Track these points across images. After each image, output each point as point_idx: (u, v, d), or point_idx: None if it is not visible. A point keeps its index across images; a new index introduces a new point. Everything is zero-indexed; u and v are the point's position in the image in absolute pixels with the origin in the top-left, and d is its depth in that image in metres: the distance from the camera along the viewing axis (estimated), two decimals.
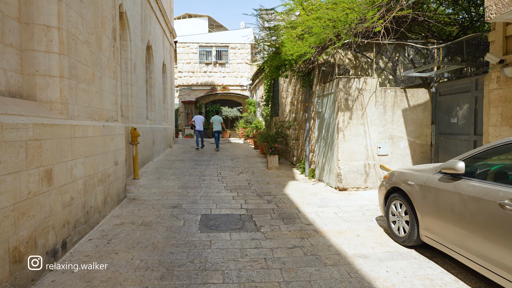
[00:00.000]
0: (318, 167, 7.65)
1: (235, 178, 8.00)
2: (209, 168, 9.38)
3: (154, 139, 10.78)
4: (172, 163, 10.06)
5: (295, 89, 9.67)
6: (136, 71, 8.60)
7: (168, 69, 14.63)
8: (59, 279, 3.00)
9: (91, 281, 2.98)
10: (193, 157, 11.51)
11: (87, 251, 3.61)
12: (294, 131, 9.81)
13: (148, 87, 11.00)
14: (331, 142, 6.90)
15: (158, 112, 12.00)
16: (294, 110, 9.74)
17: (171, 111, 15.36)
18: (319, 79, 7.63)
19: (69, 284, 2.92)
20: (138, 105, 8.82)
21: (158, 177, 7.88)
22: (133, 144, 7.44)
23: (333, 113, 6.77)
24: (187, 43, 21.89)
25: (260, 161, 10.74)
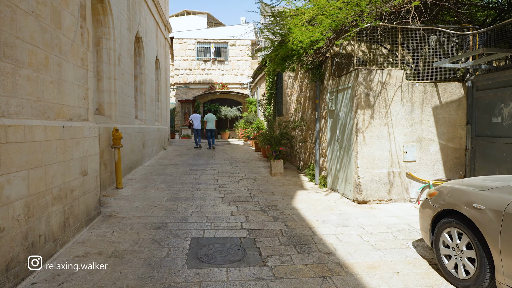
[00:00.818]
0: (331, 175, 6.59)
1: (234, 186, 6.93)
2: (205, 174, 8.31)
3: (144, 141, 9.71)
4: (164, 168, 8.98)
5: (301, 85, 8.61)
6: (121, 64, 7.54)
7: (162, 65, 13.57)
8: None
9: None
10: (188, 161, 10.44)
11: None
12: (301, 132, 8.74)
13: (138, 83, 9.94)
14: (347, 145, 5.84)
15: (150, 111, 10.93)
16: (301, 108, 8.67)
17: (165, 110, 14.29)
18: (332, 72, 6.56)
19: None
20: (124, 103, 7.76)
21: (145, 186, 6.81)
22: (115, 147, 6.37)
23: (350, 111, 5.71)
24: (184, 39, 20.83)
25: (262, 165, 9.67)
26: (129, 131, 7.99)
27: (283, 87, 10.82)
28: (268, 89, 12.68)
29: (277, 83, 12.04)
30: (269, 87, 12.54)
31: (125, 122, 7.83)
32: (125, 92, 7.91)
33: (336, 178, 6.35)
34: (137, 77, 9.91)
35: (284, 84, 10.67)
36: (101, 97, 6.92)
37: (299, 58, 6.55)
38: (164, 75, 14.17)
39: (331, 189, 6.57)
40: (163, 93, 13.69)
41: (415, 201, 5.65)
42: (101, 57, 6.88)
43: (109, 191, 6.23)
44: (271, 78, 12.30)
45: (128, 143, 7.88)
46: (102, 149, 6.06)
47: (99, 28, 6.81)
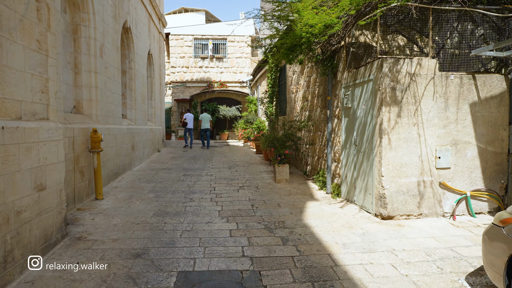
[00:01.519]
0: (346, 183, 5.66)
1: (233, 196, 6.00)
2: (200, 180, 7.38)
3: (134, 143, 8.77)
4: (155, 174, 8.04)
5: (309, 81, 7.68)
6: (104, 56, 6.60)
7: (156, 60, 12.63)
8: None
9: None
10: (183, 165, 9.50)
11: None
12: (308, 134, 7.81)
13: (127, 79, 9.00)
14: (368, 149, 4.91)
15: (141, 110, 9.99)
16: (308, 106, 7.74)
17: (160, 109, 13.35)
18: (347, 63, 5.64)
19: None
20: (108, 100, 6.82)
21: (131, 196, 5.87)
22: (94, 152, 5.44)
23: (371, 109, 4.79)
24: (181, 35, 19.90)
25: (264, 170, 8.74)
26: (114, 132, 7.05)
27: (287, 83, 9.90)
28: (270, 87, 11.75)
29: (280, 80, 11.12)
30: (271, 84, 11.62)
31: (110, 122, 6.89)
32: (110, 88, 6.97)
33: (352, 187, 5.43)
34: (126, 72, 8.97)
35: (288, 80, 9.74)
36: (79, 93, 5.98)
37: (309, 47, 5.62)
38: (158, 72, 13.24)
39: (347, 199, 5.64)
40: (157, 91, 12.75)
41: (450, 216, 4.73)
42: (79, 46, 5.94)
43: (86, 203, 5.29)
44: (273, 75, 11.37)
45: (113, 145, 6.95)
46: (78, 154, 5.13)
47: (76, 14, 5.88)
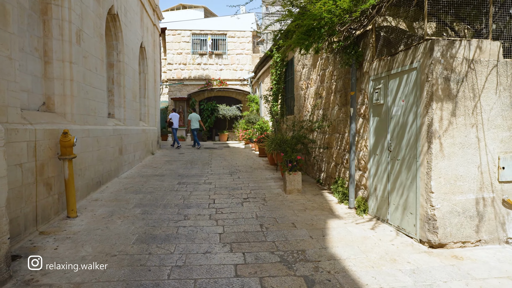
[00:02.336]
0: (375, 197, 4.62)
1: (237, 212, 4.95)
2: (197, 190, 6.32)
3: (122, 146, 7.71)
4: (146, 182, 6.99)
5: (323, 74, 6.64)
6: (83, 44, 5.55)
7: (150, 55, 11.57)
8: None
9: None
10: (178, 170, 8.44)
11: None
12: (322, 136, 6.77)
13: (115, 73, 7.94)
14: (409, 156, 3.88)
15: (132, 109, 8.93)
16: (322, 104, 6.70)
17: (154, 108, 12.29)
18: (377, 50, 4.60)
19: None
20: (88, 96, 5.77)
21: (112, 213, 4.81)
22: (64, 159, 4.38)
23: (415, 106, 3.75)
24: (178, 30, 18.83)
25: (271, 177, 7.69)
26: (96, 133, 6.00)
27: (295, 79, 8.86)
28: (274, 83, 10.71)
29: (286, 76, 10.07)
30: (276, 80, 10.57)
31: (90, 122, 5.84)
32: (91, 82, 5.92)
33: (385, 202, 4.39)
34: (114, 65, 7.91)
35: (297, 75, 8.70)
36: (50, 87, 4.93)
37: (330, 30, 4.58)
38: (153, 68, 12.18)
39: (376, 217, 4.60)
40: (151, 88, 11.69)
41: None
42: (49, 30, 4.88)
43: (54, 224, 4.24)
44: (278, 70, 10.33)
45: (94, 150, 5.89)
46: (42, 163, 4.08)
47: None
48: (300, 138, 6.65)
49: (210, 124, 18.70)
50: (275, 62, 10.59)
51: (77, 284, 2.79)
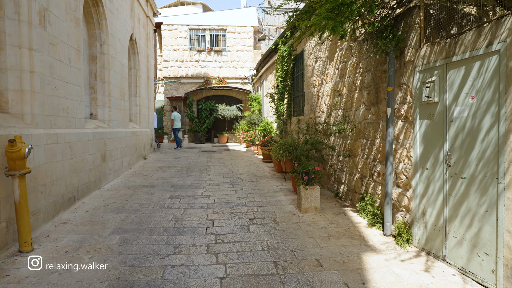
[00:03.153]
0: (423, 224, 3.54)
1: (242, 241, 3.86)
2: (193, 207, 5.23)
3: (105, 152, 6.61)
4: (132, 195, 5.88)
5: (344, 67, 5.56)
6: (50, 27, 4.45)
7: (142, 49, 10.46)
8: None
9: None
10: (172, 179, 7.34)
11: None
12: (342, 141, 5.68)
13: (98, 67, 6.84)
14: (484, 175, 2.80)
15: (119, 109, 7.83)
16: (343, 103, 5.62)
17: (147, 108, 11.18)
18: (427, 32, 3.53)
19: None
20: (58, 93, 4.67)
21: (80, 243, 3.71)
22: (13, 175, 3.28)
23: (495, 104, 2.68)
24: (175, 25, 17.71)
25: (279, 187, 6.60)
26: (68, 139, 4.90)
27: (305, 75, 7.77)
28: (280, 80, 9.62)
29: (294, 71, 8.98)
30: (282, 77, 9.48)
31: (60, 125, 4.74)
32: (62, 75, 4.81)
33: (439, 233, 3.31)
34: (96, 58, 6.82)
35: (308, 70, 7.61)
36: (2, 81, 3.83)
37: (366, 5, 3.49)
38: (145, 63, 11.08)
39: (426, 251, 3.51)
40: (143, 85, 10.59)
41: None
42: (0, 7, 3.79)
43: None
44: (285, 65, 9.24)
45: (65, 159, 4.79)
46: None
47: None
48: (316, 144, 5.57)
49: (209, 125, 17.61)
50: (281, 57, 9.51)
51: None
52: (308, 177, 4.86)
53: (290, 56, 9.02)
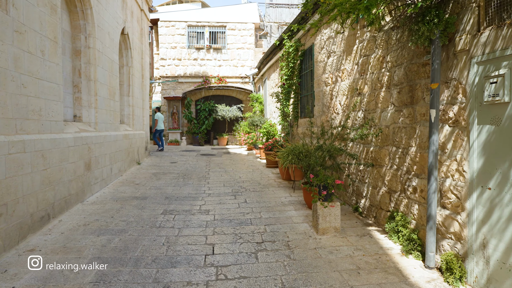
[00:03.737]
0: (484, 258, 2.76)
1: (250, 276, 3.08)
2: (189, 226, 4.43)
3: (90, 159, 5.82)
4: (119, 210, 5.09)
5: (366, 62, 4.78)
6: (14, 12, 3.67)
7: (136, 45, 9.67)
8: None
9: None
10: (166, 189, 6.54)
11: None
12: (363, 147, 4.90)
13: (82, 63, 6.05)
14: None
15: (108, 110, 7.04)
16: (364, 104, 4.83)
17: (141, 109, 10.39)
18: (489, 14, 2.75)
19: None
20: (27, 91, 3.88)
21: (45, 282, 2.92)
22: None
23: None
24: (172, 21, 16.92)
25: (288, 200, 5.81)
26: (41, 146, 4.11)
27: (316, 72, 6.99)
28: (285, 79, 8.84)
29: (301, 69, 8.20)
30: (288, 75, 8.70)
31: (29, 130, 3.94)
32: (32, 70, 4.02)
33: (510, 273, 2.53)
34: (81, 52, 6.03)
35: (318, 67, 6.84)
36: None
37: None
38: (140, 61, 10.28)
39: None
40: (137, 84, 9.79)
41: None
42: None
43: None
44: (291, 62, 8.46)
45: (37, 170, 4.00)
46: None
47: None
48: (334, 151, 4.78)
49: (208, 126, 16.81)
50: (286, 53, 8.73)
51: None
52: (327, 192, 4.07)
53: (297, 52, 8.24)
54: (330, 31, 6.12)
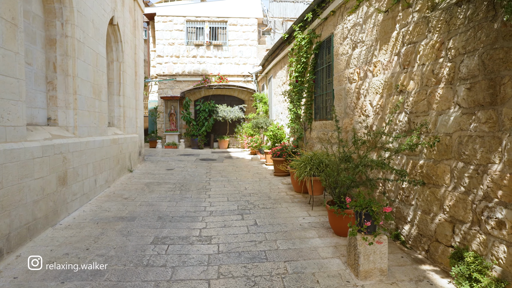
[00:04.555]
0: None
1: None
2: (186, 263, 3.39)
3: (66, 172, 4.78)
4: (98, 237, 4.05)
5: (412, 51, 3.75)
6: None
7: (128, 38, 8.64)
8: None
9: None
10: (160, 205, 5.51)
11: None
12: (406, 159, 3.87)
13: (58, 55, 5.02)
14: None
15: (92, 111, 6.00)
16: (409, 105, 3.81)
17: (134, 109, 9.36)
18: None
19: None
20: None
21: None
22: None
23: None
24: (170, 16, 15.89)
25: (308, 221, 4.78)
26: None
27: (336, 67, 5.97)
28: (296, 76, 7.82)
29: (316, 64, 7.17)
30: (299, 71, 7.69)
31: None
32: None
33: None
34: (56, 42, 5.00)
35: (340, 60, 5.81)
36: None
37: None
38: (132, 56, 9.25)
39: None
40: (129, 82, 8.76)
41: None
42: None
43: None
44: (303, 57, 7.44)
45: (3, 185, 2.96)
46: None
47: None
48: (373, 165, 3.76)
49: (208, 128, 15.78)
50: (297, 47, 7.72)
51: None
52: (371, 223, 3.05)
53: (310, 44, 7.22)
54: (356, 17, 5.10)
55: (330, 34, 6.19)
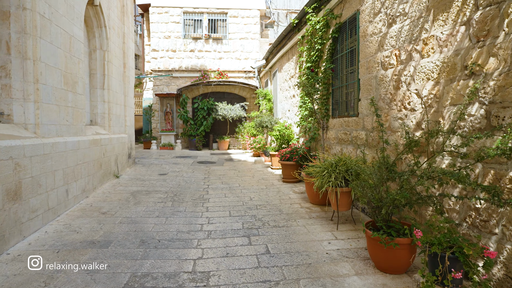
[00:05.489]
0: None
1: None
2: None
3: (18, 182, 3.66)
4: (50, 279, 2.92)
5: (495, 15, 2.64)
6: None
7: (114, 24, 7.53)
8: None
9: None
10: (146, 222, 4.39)
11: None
12: (481, 169, 2.75)
13: (13, 32, 3.94)
14: None
15: (61, 105, 4.88)
16: (490, 92, 2.70)
17: (122, 106, 8.24)
18: None
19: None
20: None
21: None
22: None
23: None
24: (166, 7, 14.78)
25: (335, 247, 3.66)
26: None
27: (362, 51, 4.85)
28: (309, 66, 6.71)
29: (334, 50, 6.03)
30: (313, 61, 6.59)
31: None
32: None
33: None
34: (10, 16, 3.90)
35: (368, 43, 4.70)
36: None
37: None
38: (120, 45, 8.14)
39: None
40: (115, 75, 7.64)
41: None
42: None
43: None
44: (318, 43, 6.34)
45: None
46: None
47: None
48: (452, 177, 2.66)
49: (207, 128, 14.67)
50: (310, 33, 6.62)
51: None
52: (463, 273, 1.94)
53: (327, 28, 6.12)
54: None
55: (355, 12, 5.08)
